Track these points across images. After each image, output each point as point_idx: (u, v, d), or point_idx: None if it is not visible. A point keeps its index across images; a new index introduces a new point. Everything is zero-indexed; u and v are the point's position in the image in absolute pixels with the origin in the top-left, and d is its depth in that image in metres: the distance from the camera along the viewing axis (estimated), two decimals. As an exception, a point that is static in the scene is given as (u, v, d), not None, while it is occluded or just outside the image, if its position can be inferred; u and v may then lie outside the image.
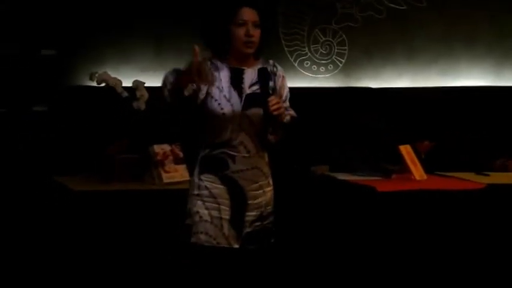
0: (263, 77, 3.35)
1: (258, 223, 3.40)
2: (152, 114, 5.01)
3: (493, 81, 6.56)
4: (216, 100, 3.34)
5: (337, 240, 4.68)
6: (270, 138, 3.36)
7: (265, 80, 3.34)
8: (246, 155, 3.36)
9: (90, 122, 5.50)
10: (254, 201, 3.38)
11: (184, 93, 3.21)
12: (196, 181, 3.40)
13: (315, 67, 6.42)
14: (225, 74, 3.38)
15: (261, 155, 3.41)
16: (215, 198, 3.35)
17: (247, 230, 3.37)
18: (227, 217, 3.35)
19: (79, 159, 5.25)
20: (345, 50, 6.43)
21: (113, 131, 5.05)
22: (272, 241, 3.47)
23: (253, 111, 3.33)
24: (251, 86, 3.38)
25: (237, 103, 3.34)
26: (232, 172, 3.35)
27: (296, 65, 6.36)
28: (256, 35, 3.35)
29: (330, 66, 6.43)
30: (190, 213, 3.38)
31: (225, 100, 3.34)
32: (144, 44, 6.01)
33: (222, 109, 3.33)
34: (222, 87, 3.36)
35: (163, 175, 4.79)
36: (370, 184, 4.80)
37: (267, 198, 3.43)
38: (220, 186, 3.35)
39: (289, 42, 6.36)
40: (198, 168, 3.42)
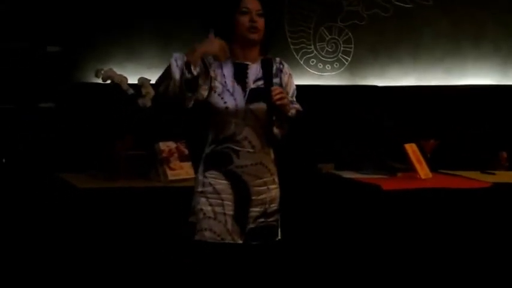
0: (266, 67, 3.35)
1: (262, 219, 3.40)
2: (158, 111, 5.00)
3: (500, 80, 6.55)
4: (219, 95, 3.35)
5: (342, 238, 4.68)
6: (275, 131, 3.35)
7: (268, 71, 3.35)
8: (250, 150, 3.36)
9: (95, 119, 5.50)
10: (258, 197, 3.38)
11: (193, 70, 3.22)
12: (201, 178, 3.40)
13: (320, 65, 6.42)
14: (228, 70, 3.40)
15: (266, 151, 3.40)
16: (219, 194, 3.35)
17: (251, 225, 3.38)
18: (231, 212, 3.36)
19: (84, 156, 5.25)
20: (350, 48, 6.43)
21: (118, 128, 5.05)
22: (277, 239, 3.47)
23: (257, 106, 3.33)
24: (256, 81, 3.38)
25: (240, 97, 3.35)
26: (236, 167, 3.35)
27: (302, 62, 6.36)
28: (259, 22, 3.37)
29: (336, 64, 6.43)
30: (194, 210, 3.39)
31: (229, 94, 3.35)
32: (150, 41, 6.01)
33: (225, 103, 3.34)
34: (226, 82, 3.37)
35: (168, 172, 4.79)
36: (376, 182, 4.80)
37: (271, 195, 3.43)
38: (224, 181, 3.36)
39: (295, 40, 6.36)
40: (202, 165, 3.43)
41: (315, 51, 6.40)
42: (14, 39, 5.52)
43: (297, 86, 3.58)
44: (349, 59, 6.43)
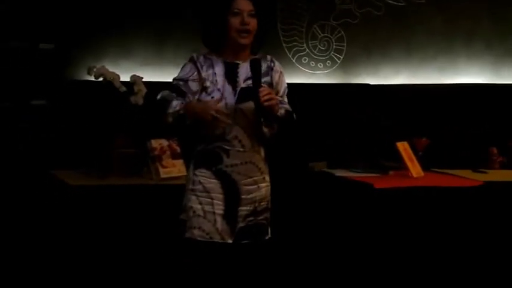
0: (255, 67, 3.35)
1: (251, 218, 3.40)
2: (150, 109, 5.00)
3: (492, 78, 6.56)
4: (209, 94, 3.36)
5: (334, 236, 4.69)
6: (265, 131, 3.36)
7: (257, 71, 3.34)
8: (240, 149, 3.36)
9: (88, 116, 5.49)
10: (248, 196, 3.39)
11: (187, 122, 3.30)
12: (191, 176, 3.41)
13: (313, 63, 6.42)
14: (220, 69, 3.40)
15: (256, 150, 3.41)
16: (208, 193, 3.36)
17: (240, 224, 3.38)
18: (220, 212, 3.36)
19: (77, 154, 5.25)
20: (343, 46, 6.43)
21: (110, 126, 5.05)
22: (267, 238, 3.47)
23: (247, 105, 3.33)
24: (246, 80, 3.39)
25: (230, 97, 3.35)
26: (226, 166, 3.36)
27: (294, 61, 6.36)
28: (251, 23, 3.36)
29: (328, 63, 6.43)
30: (185, 208, 3.40)
31: (219, 94, 3.35)
32: (143, 39, 6.00)
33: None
34: (216, 81, 3.38)
35: (160, 170, 4.79)
36: (368, 181, 4.81)
37: (261, 194, 3.43)
38: (214, 180, 3.36)
39: (287, 38, 6.35)
40: (193, 163, 3.43)
41: (307, 50, 6.40)
42: (7, 37, 5.51)
43: (288, 84, 3.58)
44: (341, 57, 6.43)
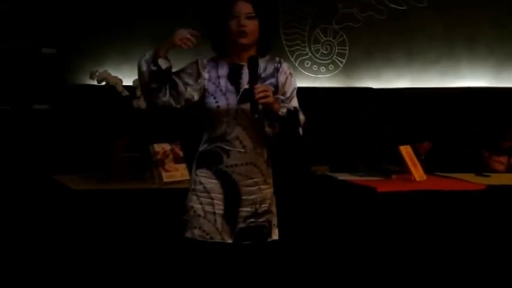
0: (252, 65, 3.35)
1: (252, 219, 3.40)
2: (152, 113, 5.00)
3: (494, 82, 6.56)
4: (212, 95, 3.38)
5: (337, 240, 4.68)
6: (267, 130, 3.36)
7: (253, 69, 3.35)
8: (241, 150, 3.37)
9: (90, 120, 5.50)
10: (248, 197, 3.39)
11: (159, 63, 3.32)
12: (193, 176, 3.43)
13: (315, 67, 6.43)
14: (223, 71, 3.41)
15: (258, 152, 3.40)
16: (209, 193, 3.37)
17: (241, 225, 3.38)
18: (221, 212, 3.36)
19: (79, 158, 5.25)
20: (345, 50, 6.44)
21: (113, 130, 5.05)
22: (270, 240, 3.46)
23: (249, 106, 3.33)
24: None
25: (232, 97, 3.36)
26: (226, 166, 3.36)
27: (297, 64, 6.37)
28: (249, 25, 3.37)
29: (331, 67, 6.44)
30: (187, 208, 3.41)
31: (221, 94, 3.37)
32: (145, 43, 5.99)
33: (217, 103, 3.36)
34: (219, 83, 3.39)
35: (163, 174, 4.78)
36: (370, 184, 4.80)
37: (262, 196, 3.43)
38: (214, 180, 3.37)
39: (290, 42, 6.37)
40: (195, 164, 3.44)
41: (310, 53, 6.41)
42: (10, 41, 5.52)
43: (291, 88, 3.57)
44: (343, 61, 6.43)
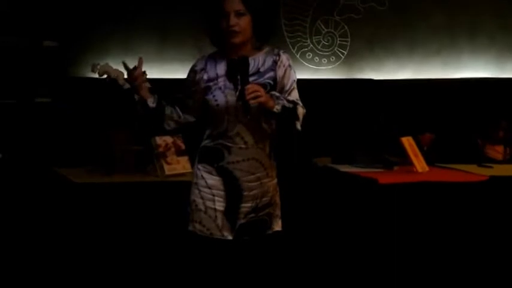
0: (242, 66, 3.33)
1: (252, 215, 3.39)
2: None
3: (496, 73, 6.56)
4: (211, 92, 3.37)
5: (338, 231, 4.69)
6: (265, 127, 3.35)
7: (244, 69, 3.32)
8: (242, 146, 3.36)
9: (92, 113, 5.50)
10: (250, 192, 3.38)
11: (149, 104, 3.50)
12: (196, 170, 3.43)
13: (317, 59, 6.42)
14: (222, 67, 3.39)
15: (260, 146, 3.39)
16: (210, 189, 3.37)
17: (241, 221, 3.38)
18: (221, 208, 3.36)
19: (81, 151, 5.25)
20: (347, 41, 6.43)
21: (114, 123, 5.05)
22: (271, 232, 3.46)
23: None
24: (249, 76, 3.36)
25: (231, 94, 3.34)
26: (228, 163, 3.36)
27: (298, 56, 6.36)
28: (238, 23, 3.33)
29: (332, 58, 6.43)
30: (189, 201, 3.41)
31: (220, 92, 3.35)
32: (147, 36, 6.01)
33: (216, 100, 3.35)
34: (218, 80, 3.37)
35: (165, 167, 4.78)
36: (372, 176, 4.80)
37: (263, 189, 3.42)
38: (216, 177, 3.37)
39: (291, 33, 6.36)
40: (197, 158, 3.44)
41: (311, 45, 6.40)
42: (11, 34, 5.52)
43: (292, 80, 3.56)
44: (345, 53, 6.43)
